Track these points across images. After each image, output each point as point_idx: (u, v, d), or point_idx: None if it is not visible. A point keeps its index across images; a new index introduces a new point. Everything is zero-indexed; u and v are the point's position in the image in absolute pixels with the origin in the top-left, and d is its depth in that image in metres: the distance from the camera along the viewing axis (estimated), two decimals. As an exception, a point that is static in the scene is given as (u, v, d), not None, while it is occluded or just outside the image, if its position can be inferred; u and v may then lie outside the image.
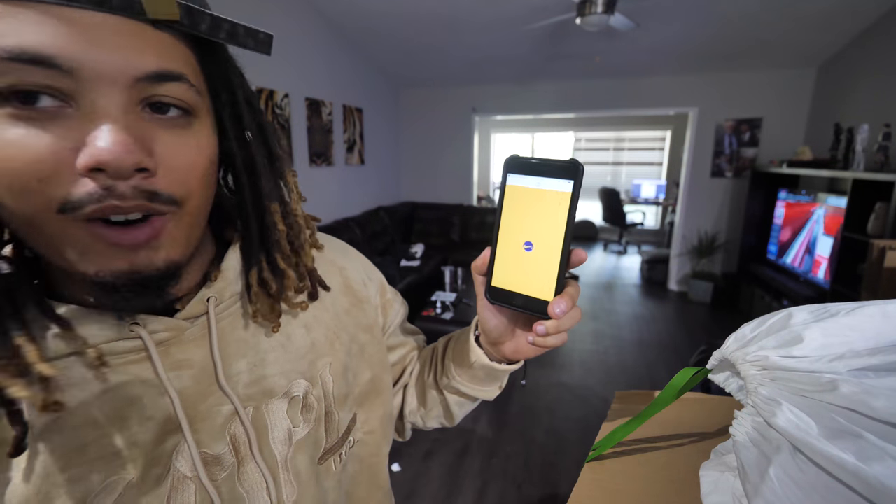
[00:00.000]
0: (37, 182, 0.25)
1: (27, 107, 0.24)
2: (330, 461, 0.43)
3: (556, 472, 1.96)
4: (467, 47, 3.67)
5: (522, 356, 0.44)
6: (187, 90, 0.29)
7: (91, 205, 0.25)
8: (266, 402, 0.38)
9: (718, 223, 4.26)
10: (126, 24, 0.25)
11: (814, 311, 0.28)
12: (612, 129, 7.12)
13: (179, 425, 0.33)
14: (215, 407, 0.36)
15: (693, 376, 0.33)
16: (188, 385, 0.35)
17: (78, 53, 0.24)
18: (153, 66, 0.26)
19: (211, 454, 0.35)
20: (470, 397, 0.52)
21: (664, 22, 3.06)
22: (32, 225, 0.26)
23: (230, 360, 0.37)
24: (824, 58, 3.51)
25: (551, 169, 0.34)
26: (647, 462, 0.36)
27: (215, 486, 0.35)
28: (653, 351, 3.15)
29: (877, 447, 0.20)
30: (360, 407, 0.47)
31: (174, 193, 0.29)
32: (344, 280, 0.49)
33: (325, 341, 0.44)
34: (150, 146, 0.27)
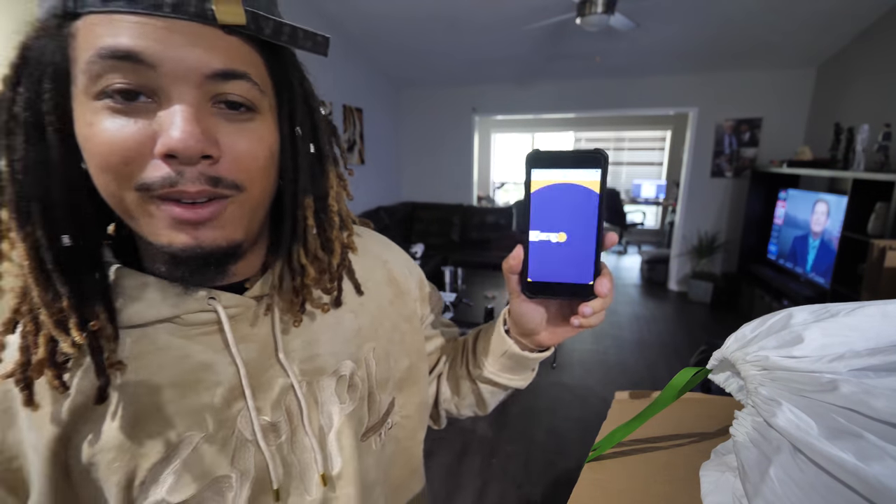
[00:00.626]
0: (123, 164, 0.29)
1: (123, 101, 0.29)
2: (371, 439, 0.46)
3: (556, 472, 1.96)
4: (467, 47, 3.67)
5: (558, 340, 0.46)
6: (251, 88, 0.32)
7: (163, 188, 0.30)
8: (317, 379, 0.42)
9: (718, 223, 4.26)
10: (200, 29, 0.29)
11: (814, 311, 0.28)
12: (612, 129, 7.12)
13: (243, 392, 0.37)
14: (274, 379, 0.40)
15: (693, 376, 0.33)
16: (252, 357, 0.39)
17: (159, 52, 0.28)
18: (220, 65, 0.30)
19: (269, 421, 0.39)
20: (502, 386, 0.53)
21: (664, 22, 3.06)
22: (116, 199, 0.31)
23: (287, 338, 0.41)
24: (824, 58, 3.51)
25: (577, 160, 0.36)
26: (647, 462, 0.36)
27: (271, 450, 0.39)
28: (653, 351, 3.15)
29: (877, 447, 0.20)
30: (398, 392, 0.50)
31: (236, 179, 0.32)
32: (388, 272, 0.52)
33: (370, 327, 0.47)
34: (216, 137, 0.31)
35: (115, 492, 0.34)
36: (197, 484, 0.35)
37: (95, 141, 0.29)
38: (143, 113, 0.29)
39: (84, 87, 0.29)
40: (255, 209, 0.35)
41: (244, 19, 0.30)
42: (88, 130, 0.29)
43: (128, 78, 0.28)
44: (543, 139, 7.58)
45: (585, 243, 0.37)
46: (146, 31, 0.28)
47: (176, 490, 0.35)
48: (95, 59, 0.28)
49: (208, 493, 0.36)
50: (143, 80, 0.29)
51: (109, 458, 0.33)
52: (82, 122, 0.30)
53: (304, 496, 0.40)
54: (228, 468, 0.37)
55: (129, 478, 0.34)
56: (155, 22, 0.28)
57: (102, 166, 0.30)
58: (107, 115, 0.29)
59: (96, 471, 0.34)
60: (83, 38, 0.29)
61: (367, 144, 4.16)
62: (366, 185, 4.26)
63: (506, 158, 7.76)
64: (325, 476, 0.41)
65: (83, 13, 0.28)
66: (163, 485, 0.34)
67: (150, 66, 0.28)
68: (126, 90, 0.28)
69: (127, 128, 0.29)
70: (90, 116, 0.29)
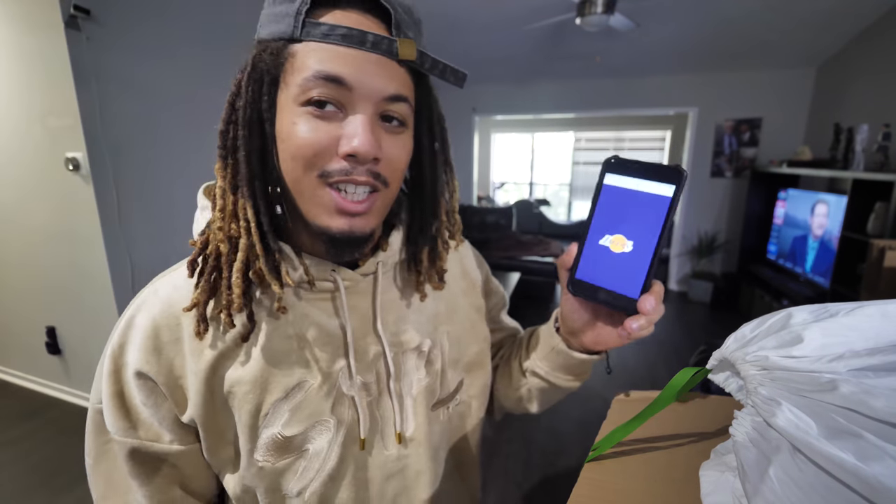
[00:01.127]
0: (313, 155, 0.38)
1: (319, 108, 0.37)
2: (439, 411, 0.53)
3: (556, 472, 1.96)
4: (467, 47, 3.67)
5: (604, 346, 0.47)
6: (406, 108, 0.41)
7: (340, 175, 0.38)
8: (403, 351, 0.49)
9: (718, 223, 4.26)
10: (384, 61, 0.38)
11: (814, 311, 0.28)
12: (612, 129, 7.11)
13: (346, 352, 0.45)
14: (370, 346, 0.47)
15: (693, 376, 0.33)
16: (355, 324, 0.46)
17: (357, 77, 0.37)
18: (394, 90, 0.39)
19: (362, 380, 0.46)
20: (551, 384, 0.56)
21: (664, 22, 3.06)
22: (299, 183, 0.39)
23: (383, 312, 0.48)
24: (824, 58, 3.51)
25: (654, 172, 0.36)
26: (647, 462, 0.36)
27: (362, 406, 0.46)
28: (652, 351, 3.15)
29: (876, 447, 0.20)
30: (467, 373, 0.57)
31: (388, 177, 0.41)
32: (462, 267, 0.60)
33: (446, 313, 0.55)
34: (381, 143, 0.39)
35: (245, 419, 0.42)
36: (304, 423, 0.44)
37: (296, 136, 0.38)
38: (331, 119, 0.38)
39: (294, 96, 0.37)
40: (388, 202, 0.44)
41: (416, 56, 0.39)
42: (292, 128, 0.38)
43: (329, 92, 0.37)
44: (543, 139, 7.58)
45: (641, 256, 0.36)
46: (350, 61, 0.37)
47: (289, 425, 0.43)
48: (311, 78, 0.36)
49: (312, 433, 0.44)
50: (338, 96, 0.37)
51: (245, 391, 0.42)
52: (287, 121, 0.38)
53: (383, 450, 0.48)
54: (329, 414, 0.45)
55: (257, 408, 0.42)
56: (357, 54, 0.37)
57: (297, 155, 0.38)
58: (307, 119, 0.37)
59: (233, 399, 0.42)
60: (301, 59, 0.37)
61: (367, 144, 4.16)
62: (365, 185, 4.25)
63: (506, 158, 7.76)
64: (400, 435, 0.49)
65: (305, 40, 0.37)
66: (280, 419, 0.43)
67: (348, 88, 0.37)
68: (321, 101, 0.37)
69: (320, 130, 0.37)
70: (294, 118, 0.38)
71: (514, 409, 0.64)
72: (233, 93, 0.39)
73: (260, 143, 0.39)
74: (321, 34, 0.36)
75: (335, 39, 0.36)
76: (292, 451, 0.44)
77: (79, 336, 2.26)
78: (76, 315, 2.21)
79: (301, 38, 0.37)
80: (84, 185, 1.95)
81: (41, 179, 2.07)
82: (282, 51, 0.38)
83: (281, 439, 0.43)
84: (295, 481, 0.44)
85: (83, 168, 1.93)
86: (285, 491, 0.44)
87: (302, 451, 0.44)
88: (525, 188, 7.83)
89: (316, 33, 0.36)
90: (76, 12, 1.79)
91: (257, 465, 0.43)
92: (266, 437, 0.42)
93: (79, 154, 1.92)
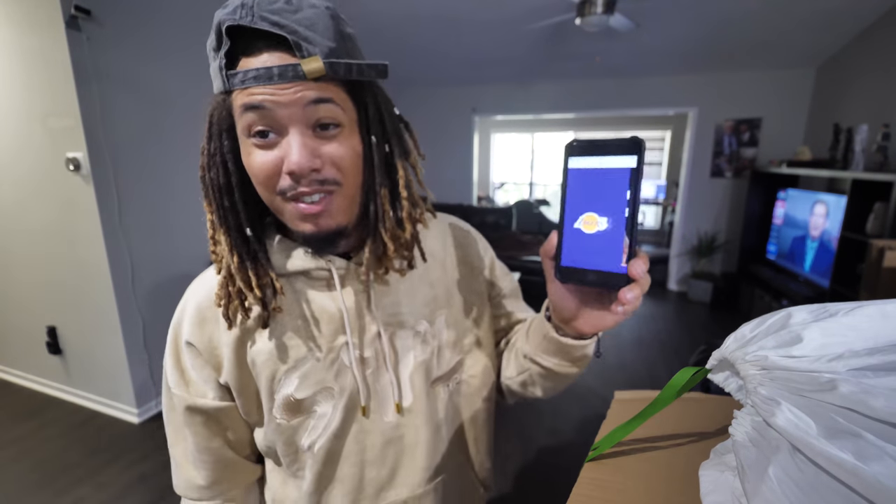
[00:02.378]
0: (267, 180, 0.45)
1: (262, 138, 0.44)
2: (439, 388, 0.59)
3: (556, 471, 1.96)
4: (467, 47, 3.67)
5: (599, 328, 0.48)
6: (334, 108, 0.45)
7: (291, 191, 0.45)
8: (398, 331, 0.56)
9: (718, 223, 4.26)
10: (298, 83, 0.43)
11: (813, 311, 0.28)
12: (612, 129, 7.11)
13: (345, 329, 0.53)
14: (368, 325, 0.54)
15: (693, 376, 0.33)
16: (351, 306, 0.54)
17: (273, 100, 0.42)
18: (313, 96, 0.43)
19: (359, 354, 0.54)
20: (549, 370, 0.56)
21: (664, 22, 3.06)
22: (268, 201, 0.48)
23: (378, 296, 0.55)
24: (824, 58, 3.51)
25: (614, 147, 0.36)
26: (646, 462, 0.36)
27: (361, 377, 0.54)
28: (652, 351, 3.15)
29: (876, 447, 0.20)
30: (466, 355, 0.62)
31: (335, 177, 0.46)
32: (463, 255, 0.64)
33: (444, 298, 0.60)
34: (319, 151, 0.45)
35: (264, 383, 0.52)
36: (312, 388, 0.52)
37: (252, 166, 0.46)
38: (274, 145, 0.44)
39: (242, 131, 0.45)
40: (352, 198, 0.49)
41: (324, 70, 0.42)
42: (248, 159, 0.46)
43: (261, 120, 0.43)
44: (543, 139, 7.58)
45: (617, 230, 0.37)
46: (267, 93, 0.42)
47: (299, 389, 0.52)
48: (242, 113, 0.44)
49: (319, 397, 0.53)
50: (269, 122, 0.43)
51: (264, 359, 0.52)
52: (245, 154, 0.46)
53: (383, 416, 0.55)
54: (333, 382, 0.53)
55: (272, 374, 0.52)
56: (271, 87, 0.42)
57: (257, 181, 0.46)
58: (254, 150, 0.45)
59: (255, 367, 0.52)
60: (236, 102, 0.44)
61: (367, 144, 4.16)
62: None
63: (506, 158, 7.75)
64: (398, 405, 0.55)
65: (234, 90, 0.44)
66: (291, 384, 0.52)
67: (271, 112, 0.43)
68: (261, 131, 0.44)
69: (267, 157, 0.44)
70: (248, 149, 0.45)
71: (520, 394, 0.65)
72: (203, 144, 0.48)
73: (226, 180, 0.48)
74: (239, 82, 0.43)
75: (250, 83, 0.42)
76: (303, 411, 0.53)
77: (79, 336, 2.26)
78: (77, 315, 2.21)
79: (231, 89, 0.44)
80: (85, 185, 1.95)
81: (42, 180, 2.07)
82: (225, 101, 0.45)
83: (293, 401, 0.52)
84: (306, 437, 0.53)
85: (84, 168, 1.93)
86: (299, 444, 0.54)
87: (311, 412, 0.53)
88: (525, 188, 7.83)
89: (236, 82, 0.43)
90: (77, 13, 1.79)
91: (276, 421, 0.53)
92: (281, 398, 0.52)
93: (79, 154, 1.92)
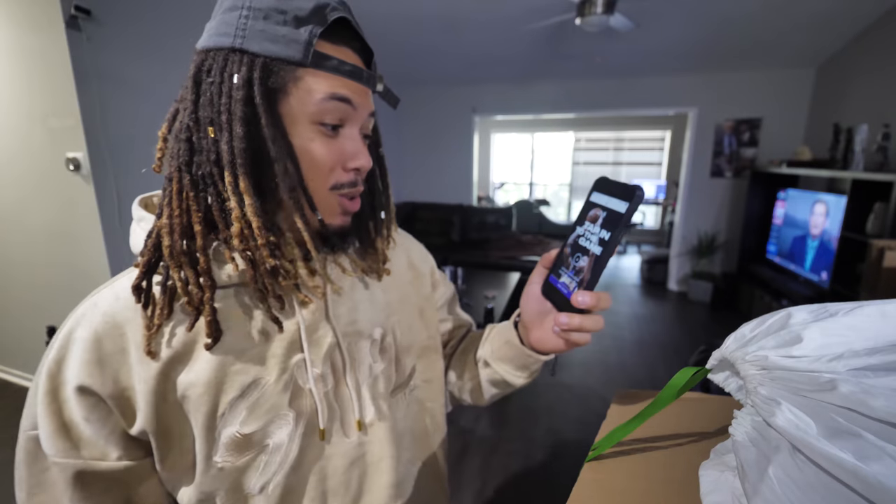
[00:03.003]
0: (330, 170, 0.44)
1: (332, 130, 0.44)
2: (399, 396, 0.56)
3: (556, 472, 1.96)
4: (467, 47, 3.67)
5: (546, 347, 0.51)
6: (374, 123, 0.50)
7: (348, 187, 0.46)
8: (357, 340, 0.51)
9: (718, 223, 4.26)
10: (367, 90, 0.46)
11: (813, 311, 0.28)
12: (612, 129, 7.11)
13: (301, 345, 0.46)
14: (323, 337, 0.48)
15: (693, 376, 0.33)
16: (307, 317, 0.47)
17: (357, 100, 0.44)
18: (372, 109, 0.48)
19: (318, 372, 0.47)
20: (497, 375, 0.59)
21: (664, 22, 3.06)
22: (314, 193, 0.44)
23: (335, 304, 0.50)
24: (823, 58, 3.51)
25: (617, 190, 0.40)
26: (646, 462, 0.36)
27: (320, 397, 0.47)
28: (652, 351, 3.15)
29: (876, 447, 0.20)
30: (419, 359, 0.60)
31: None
32: (409, 259, 0.63)
33: (397, 302, 0.58)
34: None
35: (201, 421, 0.42)
36: (263, 419, 0.44)
37: (316, 152, 0.43)
38: (336, 138, 0.44)
39: (310, 115, 0.42)
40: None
41: (383, 90, 0.49)
42: (309, 145, 0.43)
43: (339, 114, 0.43)
44: (543, 139, 7.58)
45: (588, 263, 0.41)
46: (353, 88, 0.44)
47: (247, 423, 0.43)
48: (327, 100, 0.42)
49: (271, 428, 0.44)
50: (343, 116, 0.44)
51: (199, 392, 0.41)
52: (303, 137, 0.42)
53: (344, 438, 0.49)
54: (287, 408, 0.45)
55: (213, 409, 0.42)
56: (356, 83, 0.44)
57: (317, 168, 0.44)
58: (321, 138, 0.43)
59: (187, 403, 0.41)
60: (310, 83, 0.41)
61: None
62: (365, 185, 4.25)
63: (506, 158, 7.76)
64: (360, 422, 0.50)
65: (314, 69, 0.41)
66: (238, 417, 0.43)
67: (353, 108, 0.44)
68: (335, 124, 0.44)
69: (332, 147, 0.44)
70: (310, 134, 0.43)
71: (461, 400, 0.68)
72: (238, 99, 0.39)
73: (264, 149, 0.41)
74: (332, 67, 0.42)
75: (343, 74, 0.42)
76: (252, 447, 0.44)
77: (79, 336, 2.26)
78: (76, 315, 2.21)
79: (310, 65, 0.41)
80: (85, 185, 1.95)
81: (42, 179, 2.07)
82: (291, 71, 0.41)
83: (240, 437, 0.43)
84: (257, 477, 0.44)
85: (84, 168, 1.93)
86: (247, 489, 0.44)
87: (262, 447, 0.44)
88: (525, 188, 7.83)
89: (327, 66, 0.42)
90: (77, 12, 1.79)
91: (217, 466, 0.43)
92: (225, 436, 0.42)
93: (79, 154, 1.92)
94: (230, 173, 0.39)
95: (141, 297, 0.41)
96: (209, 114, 0.40)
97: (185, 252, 0.40)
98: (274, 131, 0.40)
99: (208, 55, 0.41)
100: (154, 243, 0.41)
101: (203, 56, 0.41)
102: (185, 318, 0.42)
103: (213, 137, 0.40)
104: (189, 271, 0.40)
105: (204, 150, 0.40)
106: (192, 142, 0.40)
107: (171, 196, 0.41)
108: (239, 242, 0.40)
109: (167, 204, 0.41)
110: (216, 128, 0.40)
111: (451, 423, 0.65)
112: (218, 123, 0.39)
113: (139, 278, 0.40)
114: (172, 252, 0.40)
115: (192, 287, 0.40)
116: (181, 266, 0.40)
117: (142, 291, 0.41)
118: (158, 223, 0.41)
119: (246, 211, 0.40)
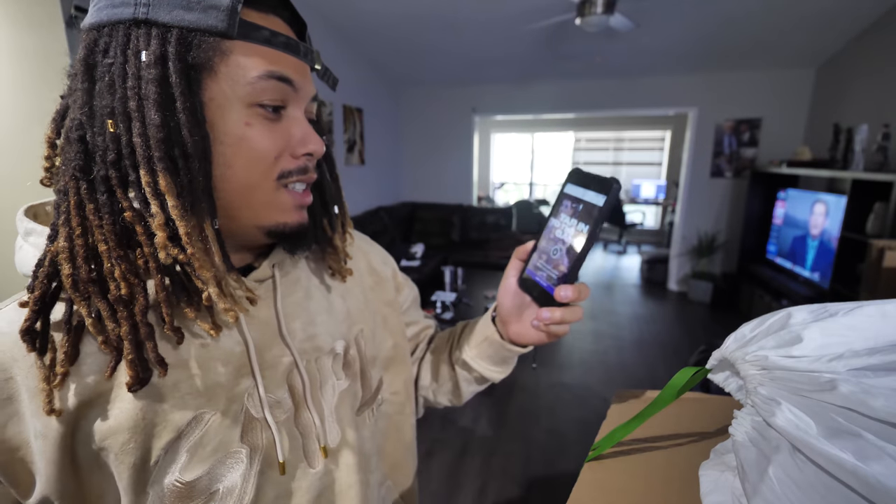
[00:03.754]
0: (273, 159, 0.37)
1: (274, 112, 0.37)
2: (365, 414, 0.50)
3: (556, 472, 1.96)
4: (467, 47, 3.67)
5: (526, 341, 0.50)
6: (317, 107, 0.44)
7: (297, 174, 0.39)
8: (317, 357, 0.45)
9: (718, 223, 4.26)
10: (307, 68, 0.40)
11: (813, 311, 0.28)
12: (612, 129, 7.11)
13: (251, 370, 0.40)
14: (278, 357, 0.42)
15: (693, 376, 0.33)
16: (256, 336, 0.41)
17: (298, 80, 0.38)
18: (314, 91, 0.41)
19: (274, 398, 0.41)
20: (476, 373, 0.57)
21: (664, 22, 3.06)
22: (255, 189, 0.37)
23: (288, 319, 0.44)
24: (824, 58, 3.51)
25: (594, 182, 0.40)
26: (646, 462, 0.36)
27: (277, 426, 0.40)
28: (652, 351, 3.15)
29: (876, 447, 0.20)
30: (385, 371, 0.55)
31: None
32: (368, 263, 0.58)
33: (357, 310, 0.52)
34: None
35: (127, 474, 0.34)
36: (209, 461, 0.36)
37: (256, 140, 0.36)
38: (279, 121, 0.38)
39: (242, 96, 0.35)
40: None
41: (320, 67, 0.45)
42: (246, 130, 0.36)
43: (278, 95, 0.37)
44: (543, 139, 7.58)
45: (571, 257, 0.40)
46: (293, 66, 0.38)
47: (189, 468, 0.36)
48: (264, 78, 0.35)
49: (220, 470, 0.37)
50: (284, 97, 0.37)
51: (123, 440, 0.34)
52: (236, 122, 0.35)
53: (308, 469, 0.42)
54: (239, 444, 0.38)
55: (143, 458, 0.34)
56: (296, 61, 0.38)
57: (258, 158, 0.37)
58: (261, 122, 0.36)
59: (107, 455, 0.34)
60: (240, 58, 0.35)
61: (367, 144, 4.16)
62: (366, 186, 4.26)
63: (506, 158, 7.76)
64: (325, 449, 0.43)
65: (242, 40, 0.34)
66: (176, 463, 0.35)
67: (294, 89, 0.38)
68: (275, 105, 0.37)
69: (275, 132, 0.37)
70: (247, 119, 0.36)
71: (437, 403, 0.64)
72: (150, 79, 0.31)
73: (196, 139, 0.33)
74: (263, 39, 0.35)
75: (277, 46, 0.36)
76: (197, 496, 0.36)
77: (79, 336, 2.26)
78: (76, 315, 2.21)
79: (236, 37, 0.34)
80: (84, 185, 1.95)
81: (41, 179, 2.07)
82: (214, 45, 0.33)
83: (181, 486, 0.35)
84: None
85: (83, 168, 1.93)
86: None
87: (211, 494, 0.37)
88: (525, 188, 7.83)
89: (258, 37, 0.35)
90: (77, 13, 1.79)
91: None
92: (161, 489, 0.35)
93: (79, 154, 1.92)
94: (147, 171, 0.31)
95: (35, 343, 0.32)
96: (109, 103, 0.32)
97: (94, 280, 0.32)
98: (190, 117, 0.32)
99: (102, 32, 0.33)
100: (48, 273, 0.33)
101: (95, 35, 0.33)
102: (97, 354, 0.34)
103: (112, 132, 0.32)
104: (101, 303, 0.32)
105: (101, 149, 0.32)
106: (87, 141, 0.32)
107: (68, 212, 0.32)
108: (165, 255, 0.32)
109: (64, 223, 0.32)
110: (120, 118, 0.31)
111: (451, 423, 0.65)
112: (124, 113, 0.31)
113: (30, 320, 0.32)
114: (76, 282, 0.32)
115: (108, 322, 0.32)
116: (89, 297, 0.32)
117: (35, 336, 0.32)
118: (53, 247, 0.33)
119: (170, 214, 0.32)
